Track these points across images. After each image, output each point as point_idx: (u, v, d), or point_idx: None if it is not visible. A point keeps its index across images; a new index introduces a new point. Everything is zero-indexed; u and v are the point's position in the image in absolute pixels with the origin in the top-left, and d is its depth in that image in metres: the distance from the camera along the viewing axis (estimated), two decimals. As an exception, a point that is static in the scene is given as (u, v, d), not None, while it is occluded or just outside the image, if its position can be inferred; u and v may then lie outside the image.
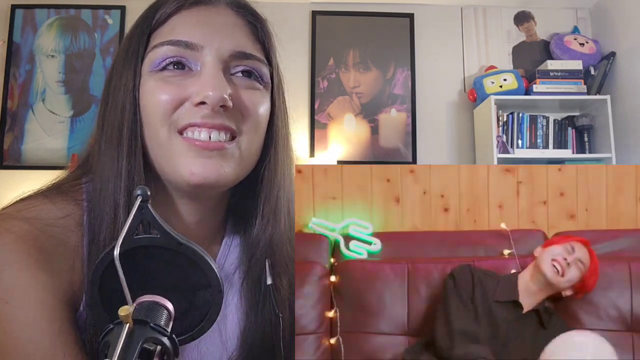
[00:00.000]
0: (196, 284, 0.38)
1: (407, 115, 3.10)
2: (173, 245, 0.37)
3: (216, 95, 0.56)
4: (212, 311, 0.39)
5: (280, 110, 0.67)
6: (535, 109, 2.94)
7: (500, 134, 2.85)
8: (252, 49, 0.63)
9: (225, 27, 0.61)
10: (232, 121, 0.59)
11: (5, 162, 2.90)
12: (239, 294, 0.69)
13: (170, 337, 0.34)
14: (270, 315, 0.66)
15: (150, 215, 0.37)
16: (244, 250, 0.70)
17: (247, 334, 0.67)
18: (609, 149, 2.74)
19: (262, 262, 0.66)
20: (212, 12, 0.62)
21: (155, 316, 0.35)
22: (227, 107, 0.58)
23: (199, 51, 0.59)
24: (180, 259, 0.38)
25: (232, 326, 0.69)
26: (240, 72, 0.62)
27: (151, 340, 0.33)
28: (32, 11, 3.04)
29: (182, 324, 0.38)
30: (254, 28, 0.65)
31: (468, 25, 3.20)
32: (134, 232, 0.37)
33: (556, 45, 3.07)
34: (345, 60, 3.14)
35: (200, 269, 0.38)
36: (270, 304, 0.65)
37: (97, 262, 0.37)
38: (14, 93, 2.97)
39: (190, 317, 0.38)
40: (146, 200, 0.37)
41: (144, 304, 0.35)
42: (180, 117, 0.58)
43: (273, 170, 0.66)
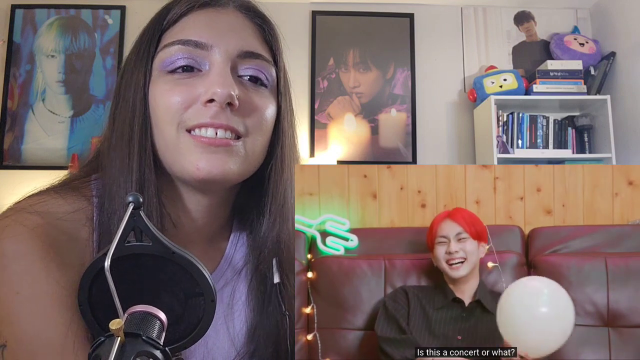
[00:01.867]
0: (189, 292, 0.38)
1: (407, 115, 3.10)
2: (166, 253, 0.37)
3: (224, 92, 0.57)
4: (204, 320, 0.38)
5: (286, 111, 0.69)
6: (535, 109, 2.94)
7: (500, 134, 2.85)
8: (260, 49, 0.65)
9: (234, 27, 0.63)
10: (238, 121, 0.60)
11: (5, 162, 2.90)
12: (246, 292, 0.70)
13: (163, 350, 0.33)
14: (277, 313, 0.67)
15: (142, 223, 0.37)
16: (251, 248, 0.71)
17: (255, 331, 0.69)
18: (609, 149, 2.74)
19: (269, 260, 0.68)
20: (221, 14, 0.64)
21: (148, 327, 0.34)
22: (233, 106, 0.59)
23: (208, 50, 0.60)
24: (173, 267, 0.37)
25: (239, 323, 0.70)
26: (248, 76, 0.63)
27: (144, 354, 0.32)
28: (32, 11, 3.04)
29: (173, 333, 0.38)
30: (261, 30, 0.67)
31: (468, 25, 3.20)
32: (125, 240, 0.36)
33: (556, 45, 3.06)
34: (345, 60, 3.14)
35: (193, 277, 0.37)
36: (277, 302, 0.67)
37: (87, 268, 0.37)
38: (14, 93, 2.97)
39: (182, 326, 0.38)
40: (138, 208, 0.37)
41: (136, 315, 0.35)
42: (190, 117, 0.59)
43: (280, 169, 0.68)
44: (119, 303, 0.32)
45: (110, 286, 0.31)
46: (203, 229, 0.69)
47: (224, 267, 0.72)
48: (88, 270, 0.36)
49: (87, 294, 0.37)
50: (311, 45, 3.13)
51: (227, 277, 0.71)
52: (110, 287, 0.32)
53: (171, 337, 0.37)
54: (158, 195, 0.61)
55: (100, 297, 0.36)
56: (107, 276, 0.31)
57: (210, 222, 0.70)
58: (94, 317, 0.37)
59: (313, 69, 3.10)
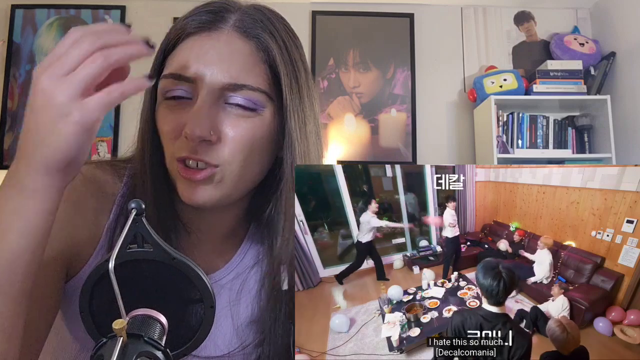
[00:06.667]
0: (188, 298, 0.38)
1: (407, 115, 3.10)
2: (166, 259, 0.38)
3: (194, 133, 0.59)
4: (203, 326, 0.39)
5: (295, 125, 0.66)
6: (535, 109, 2.94)
7: (500, 134, 2.85)
8: (247, 77, 0.62)
9: (222, 57, 0.62)
10: (213, 155, 0.62)
11: (5, 162, 2.91)
12: (257, 288, 0.74)
13: (164, 350, 0.34)
14: (285, 322, 0.69)
15: (144, 229, 0.37)
16: (267, 260, 0.73)
17: (261, 327, 0.71)
18: (609, 149, 2.74)
19: (278, 269, 0.69)
20: (211, 40, 0.63)
21: (149, 330, 0.35)
22: (210, 141, 0.61)
23: (194, 83, 0.62)
24: (173, 273, 0.38)
25: (245, 314, 0.73)
26: (236, 104, 0.63)
27: (145, 354, 0.33)
28: (32, 11, 3.04)
29: (173, 339, 0.38)
30: (257, 51, 0.64)
31: (468, 25, 3.20)
32: (127, 246, 0.37)
33: (556, 45, 3.07)
34: (345, 60, 3.14)
35: (193, 284, 0.38)
36: (286, 310, 0.68)
37: (90, 273, 0.38)
38: (14, 93, 2.97)
39: (182, 332, 0.39)
40: (140, 214, 0.37)
41: (138, 318, 0.35)
42: (177, 148, 0.63)
43: (290, 189, 0.66)
44: (121, 303, 0.33)
45: (114, 287, 0.32)
46: (214, 228, 0.73)
47: (237, 260, 0.75)
48: (90, 276, 0.37)
49: (89, 300, 0.37)
50: (311, 45, 3.13)
51: (239, 270, 0.75)
52: (114, 288, 0.32)
53: (171, 342, 0.38)
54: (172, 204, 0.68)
55: (101, 303, 0.37)
56: (111, 277, 0.32)
57: (222, 224, 0.74)
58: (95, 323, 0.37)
59: (313, 69, 3.10)
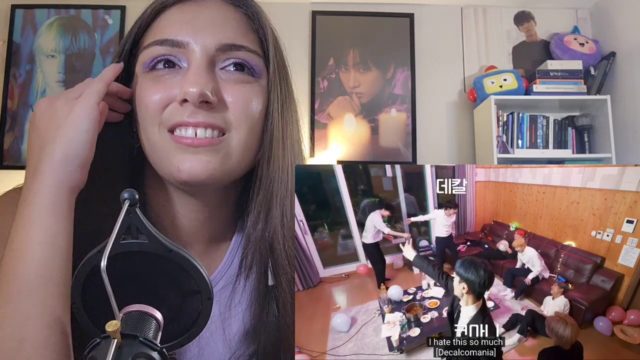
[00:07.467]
0: (185, 290, 0.37)
1: (407, 115, 3.10)
2: (162, 251, 0.37)
3: (196, 91, 0.55)
4: (201, 318, 0.38)
5: (277, 102, 0.64)
6: (535, 109, 2.94)
7: (500, 134, 2.84)
8: (243, 40, 0.61)
9: (214, 21, 0.61)
10: (218, 117, 0.59)
11: (5, 162, 2.90)
12: (246, 294, 0.68)
13: (160, 351, 0.33)
14: (274, 317, 0.65)
15: (138, 220, 0.36)
16: (242, 248, 0.68)
17: (253, 334, 0.66)
18: (609, 149, 2.74)
19: (261, 261, 0.65)
20: (200, 7, 0.62)
21: (144, 328, 0.34)
22: (210, 103, 0.57)
23: (186, 48, 0.59)
24: (170, 265, 0.37)
25: (237, 325, 0.68)
26: (231, 66, 0.61)
27: (140, 355, 0.32)
28: (32, 11, 3.04)
29: (170, 331, 0.38)
30: (248, 19, 0.64)
31: (468, 25, 3.20)
32: (120, 237, 0.36)
33: (556, 45, 3.06)
34: (345, 60, 3.13)
35: (190, 275, 0.37)
36: (274, 305, 0.64)
37: (81, 264, 0.36)
38: (14, 93, 2.96)
39: (179, 324, 0.38)
40: (134, 205, 0.36)
41: (132, 315, 0.34)
42: (168, 116, 0.59)
43: (266, 164, 0.63)
44: (115, 304, 0.31)
45: (106, 287, 0.31)
46: (202, 231, 0.67)
47: (224, 269, 0.69)
48: (82, 267, 0.36)
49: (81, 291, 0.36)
50: (311, 45, 3.12)
51: (227, 278, 0.69)
52: (107, 288, 0.31)
53: (167, 334, 0.37)
54: (145, 200, 0.62)
55: (95, 293, 0.36)
56: (103, 277, 0.30)
57: (207, 225, 0.68)
58: (88, 316, 0.37)
59: (313, 69, 3.10)
